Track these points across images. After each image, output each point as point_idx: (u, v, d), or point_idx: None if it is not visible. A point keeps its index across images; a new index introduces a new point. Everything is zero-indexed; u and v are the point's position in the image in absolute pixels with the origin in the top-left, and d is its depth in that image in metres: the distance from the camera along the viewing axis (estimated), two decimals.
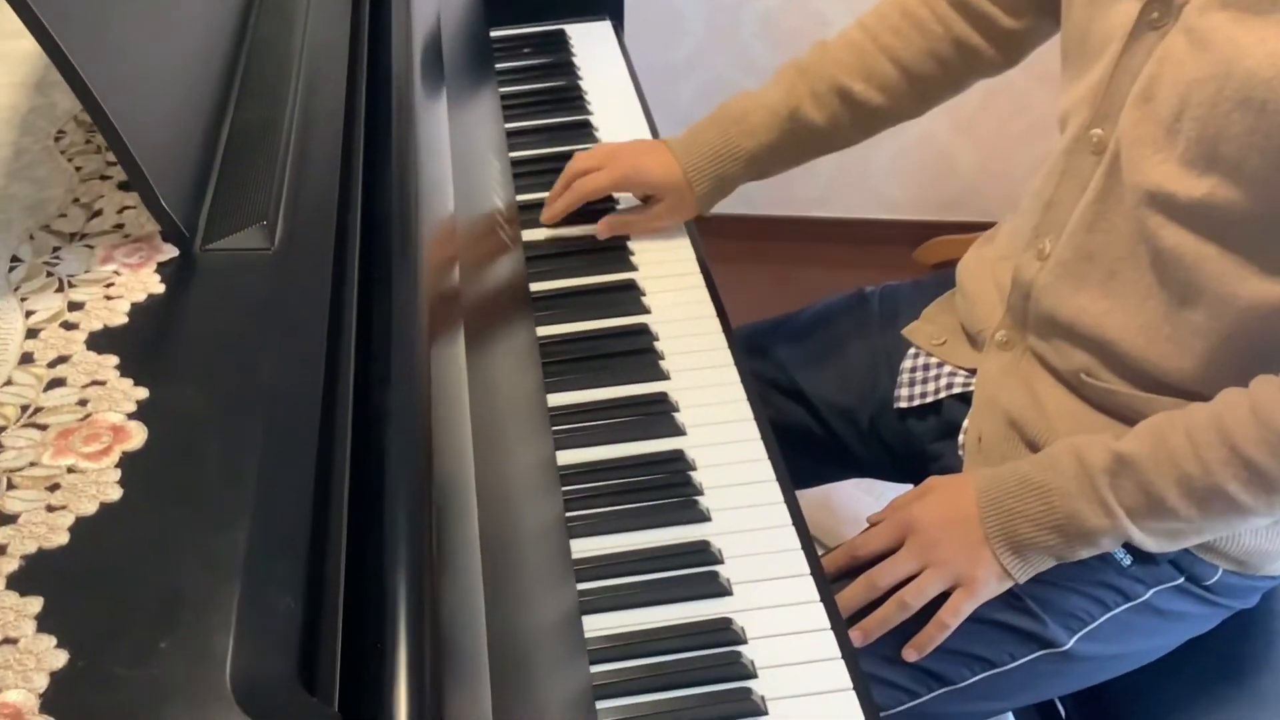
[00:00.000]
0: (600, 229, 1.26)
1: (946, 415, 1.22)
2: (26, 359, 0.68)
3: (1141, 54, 0.96)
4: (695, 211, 1.28)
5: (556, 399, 1.06)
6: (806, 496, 1.93)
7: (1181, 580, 1.08)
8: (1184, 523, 0.97)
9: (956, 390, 1.21)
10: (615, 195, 1.30)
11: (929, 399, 1.23)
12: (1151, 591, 1.08)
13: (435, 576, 0.59)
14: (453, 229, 0.93)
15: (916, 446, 1.26)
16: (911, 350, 1.26)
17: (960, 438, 1.18)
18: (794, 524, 0.97)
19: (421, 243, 0.84)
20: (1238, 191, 0.90)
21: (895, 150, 2.47)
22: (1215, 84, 0.89)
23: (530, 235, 1.25)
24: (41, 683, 0.51)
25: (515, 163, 1.37)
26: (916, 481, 1.25)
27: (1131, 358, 1.02)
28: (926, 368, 1.24)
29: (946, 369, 1.22)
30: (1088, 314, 1.04)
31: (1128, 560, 1.07)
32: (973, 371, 1.19)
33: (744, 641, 0.87)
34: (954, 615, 1.02)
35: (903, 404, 1.24)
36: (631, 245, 1.26)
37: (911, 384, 1.25)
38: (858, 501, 1.97)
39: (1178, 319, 0.98)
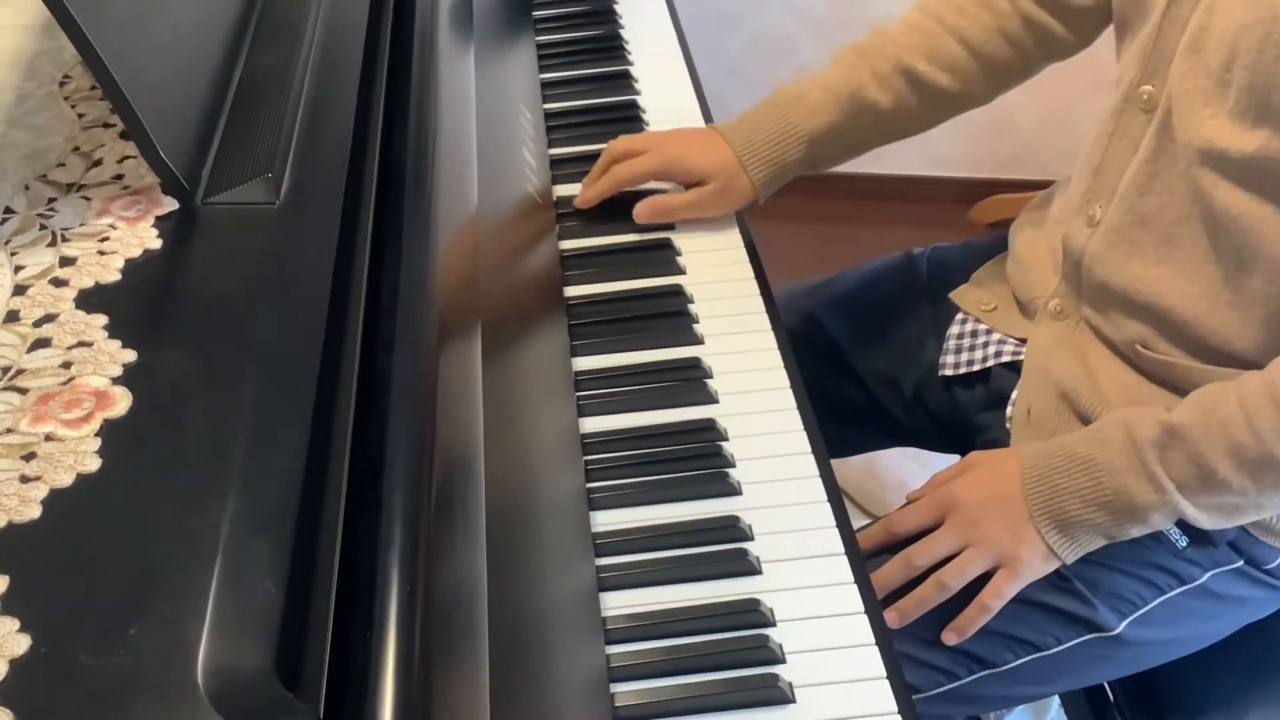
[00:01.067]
0: (639, 212, 1.16)
1: (995, 385, 1.16)
2: (12, 317, 0.65)
3: (1189, 3, 0.91)
4: (749, 199, 1.19)
5: (583, 363, 1.01)
6: (851, 464, 1.90)
7: (1241, 563, 1.03)
8: (1238, 496, 0.91)
9: (1006, 359, 1.15)
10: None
11: (976, 367, 1.17)
12: (1208, 575, 1.03)
13: (430, 560, 0.56)
14: (473, 183, 0.89)
15: (962, 416, 1.20)
16: (960, 315, 1.20)
17: (1008, 409, 1.12)
18: (829, 500, 0.92)
19: (436, 197, 0.79)
20: None
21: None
22: (1263, 28, 0.85)
23: (562, 190, 1.20)
24: None
25: (550, 115, 1.31)
26: (962, 453, 1.20)
27: (1190, 326, 0.97)
28: (975, 334, 1.19)
29: (996, 336, 1.17)
30: (1142, 281, 0.99)
31: (1184, 542, 1.02)
32: (1023, 340, 1.14)
33: (772, 624, 0.83)
34: (996, 597, 0.97)
35: (949, 371, 1.19)
36: None
37: (959, 350, 1.19)
38: (904, 469, 1.92)
39: (1236, 284, 0.94)
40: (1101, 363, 1.05)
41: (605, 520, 0.88)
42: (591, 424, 0.96)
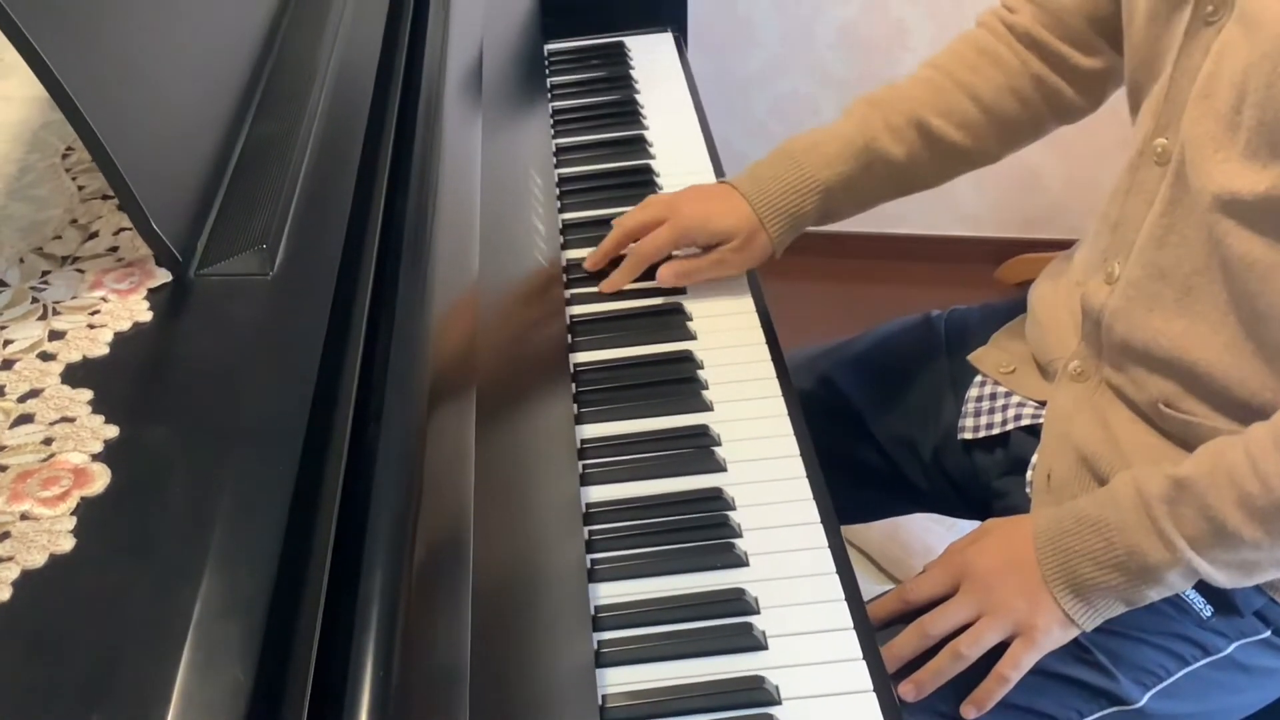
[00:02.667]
0: (662, 277, 1.15)
1: (1014, 449, 1.14)
2: None
3: (1199, 53, 0.91)
4: (767, 255, 1.18)
5: (589, 430, 1.00)
6: (874, 528, 1.88)
7: (1268, 634, 1.01)
8: (1252, 549, 0.89)
9: (1025, 422, 1.13)
10: None
11: (995, 430, 1.15)
12: (1234, 645, 1.00)
13: (408, 644, 0.54)
14: (474, 252, 0.88)
15: (982, 481, 1.18)
16: (978, 378, 1.19)
17: (1028, 474, 1.10)
18: (838, 572, 0.90)
19: (433, 267, 0.79)
20: None
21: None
22: (1269, 62, 0.84)
23: (573, 255, 1.20)
24: None
25: (563, 180, 1.31)
26: (982, 518, 1.17)
27: (1215, 379, 0.95)
28: (994, 397, 1.17)
29: (1015, 399, 1.15)
30: (1164, 336, 0.97)
31: (1208, 611, 0.99)
32: (1042, 403, 1.12)
33: (777, 702, 0.81)
34: (1014, 667, 0.94)
35: (968, 435, 1.17)
36: None
37: (978, 414, 1.17)
38: (929, 533, 1.89)
39: (1258, 334, 0.92)
40: (1123, 425, 1.03)
41: (607, 592, 0.87)
42: (596, 493, 0.95)
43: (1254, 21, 0.86)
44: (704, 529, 0.92)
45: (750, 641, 0.84)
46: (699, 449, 0.99)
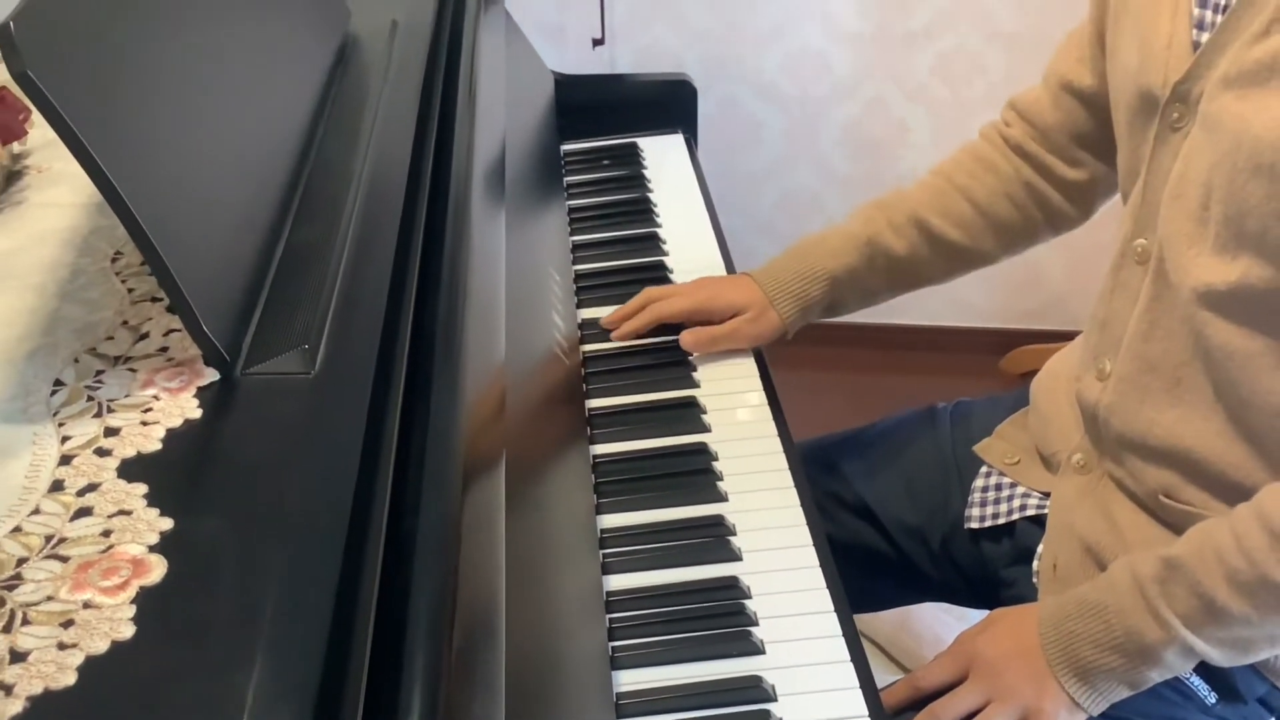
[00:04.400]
0: (685, 342, 1.24)
1: (1020, 539, 1.17)
2: (56, 487, 0.68)
3: (1169, 157, 0.96)
4: (779, 330, 1.26)
5: (608, 520, 1.03)
6: (884, 617, 1.89)
7: None
8: (1243, 625, 0.92)
9: (1030, 512, 1.17)
10: None
11: (1001, 520, 1.19)
12: None
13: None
14: (501, 348, 0.92)
15: (989, 570, 1.21)
16: (984, 469, 1.22)
17: (1034, 563, 1.13)
18: (852, 660, 0.93)
19: (464, 365, 0.83)
20: (1269, 270, 0.89)
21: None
22: (1230, 160, 0.89)
23: (590, 349, 1.24)
24: None
25: (579, 276, 1.36)
26: (991, 607, 1.20)
27: (1209, 464, 0.98)
28: (999, 487, 1.20)
29: (1020, 489, 1.18)
30: (1159, 426, 1.01)
31: (1213, 698, 1.01)
32: (1046, 494, 1.15)
33: None
34: None
35: (974, 524, 1.20)
36: (695, 360, 1.23)
37: (983, 504, 1.21)
38: (939, 623, 1.90)
39: (1244, 420, 0.96)
40: (1125, 516, 1.06)
41: (628, 680, 0.89)
42: (616, 581, 0.98)
43: (1215, 125, 0.91)
44: (721, 617, 0.95)
45: None
46: (715, 539, 1.02)
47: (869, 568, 1.29)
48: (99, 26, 0.79)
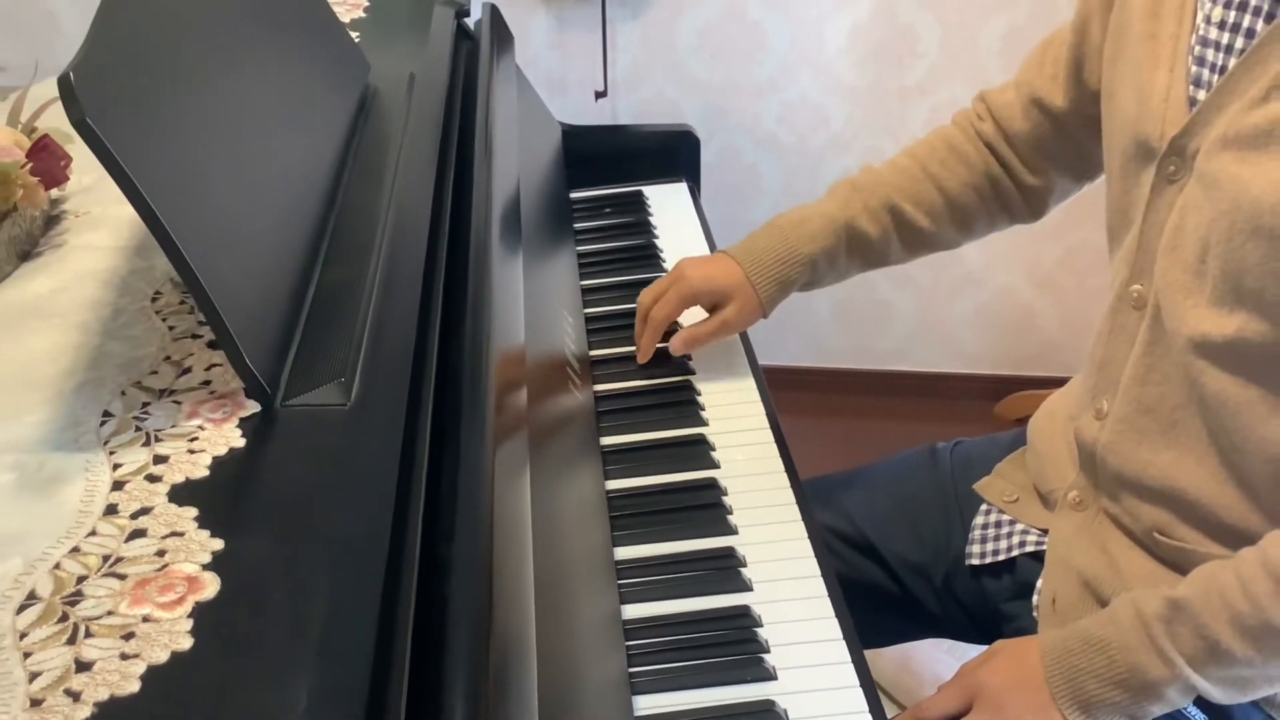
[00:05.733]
0: (674, 346, 1.30)
1: (1020, 574, 1.21)
2: (111, 510, 0.72)
3: (1164, 208, 1.00)
4: (761, 314, 1.31)
5: (623, 552, 1.07)
6: (885, 656, 1.92)
7: None
8: (1245, 666, 0.94)
9: (1030, 548, 1.20)
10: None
11: (1002, 557, 1.22)
12: None
13: None
14: (524, 385, 0.96)
15: (991, 605, 1.24)
16: (984, 506, 1.25)
17: (1034, 598, 1.16)
18: (860, 685, 0.96)
19: (491, 399, 0.86)
20: (1265, 325, 0.92)
21: (975, 305, 2.49)
22: (1228, 219, 0.92)
23: (602, 388, 1.28)
24: None
25: (590, 319, 1.40)
26: (991, 642, 1.23)
27: (1203, 506, 1.01)
28: (999, 524, 1.24)
29: (1019, 526, 1.22)
30: (1154, 466, 1.04)
31: None
32: (1045, 530, 1.18)
33: None
34: None
35: (975, 561, 1.23)
36: (702, 400, 1.27)
37: (984, 540, 1.24)
38: (939, 663, 1.93)
39: (1238, 466, 0.99)
40: (1122, 552, 1.09)
41: (646, 704, 0.92)
42: (631, 610, 1.01)
43: (1212, 183, 0.94)
44: (734, 644, 0.98)
45: None
46: (727, 569, 1.06)
47: (871, 603, 1.32)
48: (147, 79, 0.84)
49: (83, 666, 0.61)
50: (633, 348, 1.33)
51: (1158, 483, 1.04)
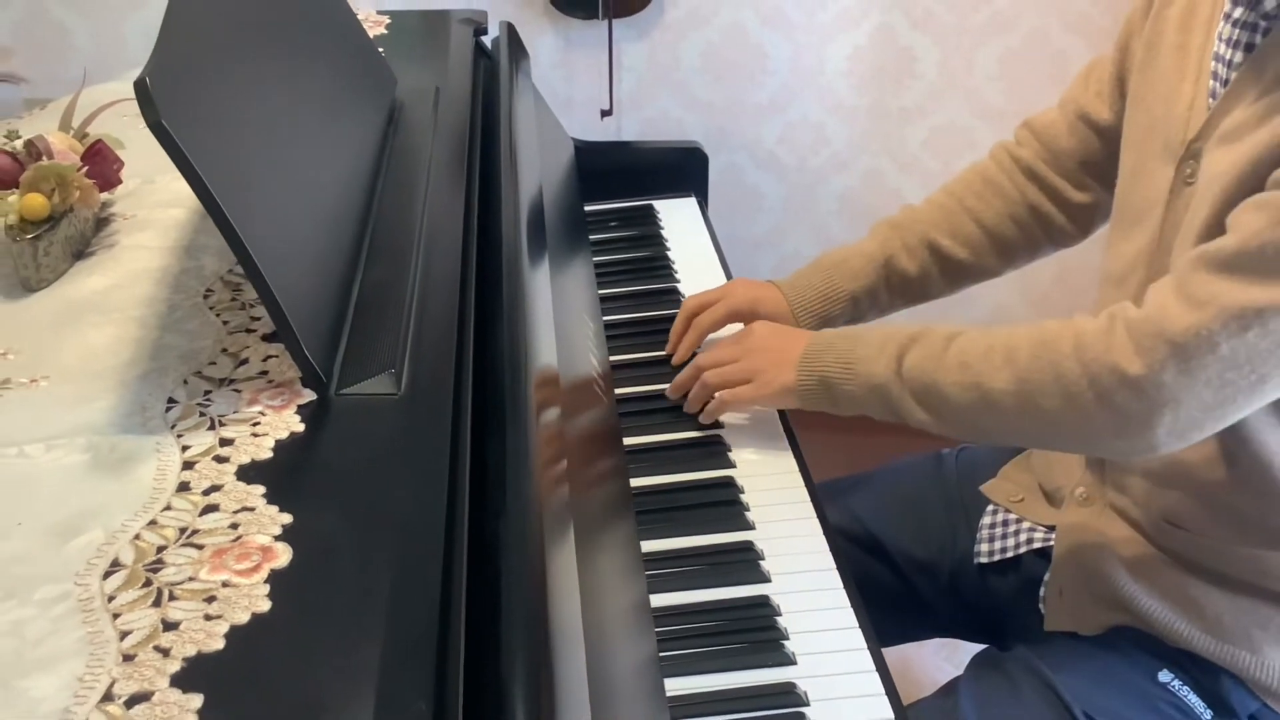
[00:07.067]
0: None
1: (1026, 571, 1.25)
2: (184, 487, 0.76)
3: (1181, 208, 1.06)
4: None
5: (648, 546, 1.11)
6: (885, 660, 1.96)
7: None
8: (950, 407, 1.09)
9: (1036, 545, 1.25)
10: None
11: (1009, 554, 1.26)
12: None
13: (550, 694, 0.65)
14: (558, 383, 1.01)
15: (996, 601, 1.28)
16: (990, 507, 1.30)
17: (1041, 590, 1.21)
18: (876, 669, 1.00)
19: (531, 391, 0.91)
20: None
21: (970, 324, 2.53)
22: (1220, 211, 0.99)
23: (622, 391, 1.33)
24: None
25: (608, 325, 1.45)
26: (996, 639, 1.28)
27: (1205, 484, 1.07)
28: (1005, 524, 1.28)
29: (1026, 524, 1.26)
30: None
31: (1208, 715, 1.09)
32: (1051, 528, 1.23)
33: None
34: (735, 397, 1.23)
35: (983, 559, 1.28)
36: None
37: (991, 539, 1.29)
38: (938, 670, 1.98)
39: (1236, 449, 1.05)
40: (1127, 544, 1.14)
41: (673, 686, 0.97)
42: (656, 600, 1.05)
43: (1209, 180, 1.01)
44: (755, 631, 1.03)
45: None
46: (745, 562, 1.10)
47: (877, 602, 1.35)
48: (209, 86, 0.89)
49: (169, 626, 0.65)
50: (650, 354, 1.38)
51: (1164, 464, 1.09)
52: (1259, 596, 1.09)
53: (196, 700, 0.61)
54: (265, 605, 0.67)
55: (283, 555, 0.70)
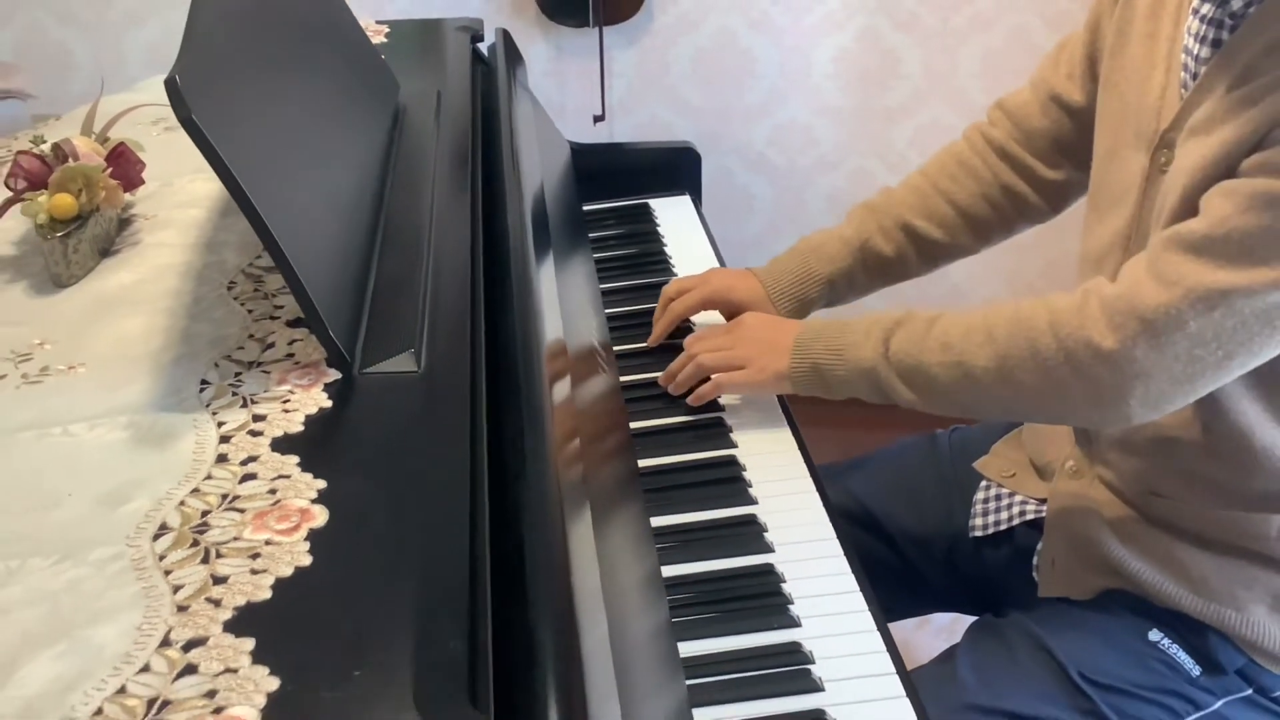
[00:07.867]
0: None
1: (1019, 542, 1.30)
2: (222, 459, 0.81)
3: (1156, 194, 1.10)
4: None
5: (654, 522, 1.16)
6: None
7: (1250, 691, 1.14)
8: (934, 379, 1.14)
9: (1029, 517, 1.29)
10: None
11: (1003, 526, 1.31)
12: (1221, 702, 1.14)
13: (577, 658, 0.69)
14: (568, 364, 1.06)
15: (990, 574, 1.33)
16: (983, 482, 1.35)
17: (1034, 560, 1.26)
18: (878, 629, 1.05)
19: (545, 373, 0.96)
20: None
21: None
22: (1190, 196, 1.03)
23: (624, 379, 1.37)
24: (260, 701, 0.61)
25: (610, 317, 1.49)
26: (991, 610, 1.33)
27: (1187, 451, 1.12)
28: (999, 498, 1.33)
29: (1018, 498, 1.31)
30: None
31: (1197, 670, 1.13)
32: (1043, 501, 1.28)
33: None
34: (729, 380, 1.26)
35: (978, 533, 1.33)
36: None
37: (985, 513, 1.33)
38: (935, 650, 2.02)
39: (1214, 421, 1.09)
40: (1115, 513, 1.19)
41: (685, 649, 1.01)
42: (665, 571, 1.10)
43: (1179, 169, 1.05)
44: (761, 596, 1.07)
45: (809, 684, 0.99)
46: (750, 534, 1.15)
47: (876, 578, 1.40)
48: (233, 85, 0.94)
49: (218, 580, 0.70)
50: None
51: (1147, 437, 1.14)
52: (1242, 557, 1.14)
53: (249, 643, 0.65)
54: (307, 560, 0.71)
55: (320, 516, 0.75)
